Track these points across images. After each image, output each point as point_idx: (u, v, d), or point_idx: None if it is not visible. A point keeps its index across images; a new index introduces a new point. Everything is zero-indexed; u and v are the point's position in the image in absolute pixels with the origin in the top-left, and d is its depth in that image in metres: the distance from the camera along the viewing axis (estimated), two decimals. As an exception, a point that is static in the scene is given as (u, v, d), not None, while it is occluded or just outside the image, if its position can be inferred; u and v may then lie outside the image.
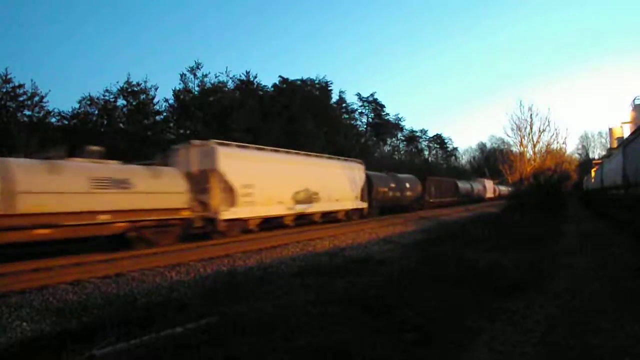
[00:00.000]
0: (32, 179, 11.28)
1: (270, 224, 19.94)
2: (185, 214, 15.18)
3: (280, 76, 50.03)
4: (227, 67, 76.23)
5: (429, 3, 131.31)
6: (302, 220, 21.99)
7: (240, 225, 17.69)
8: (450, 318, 5.53)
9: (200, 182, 16.50)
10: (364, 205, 27.35)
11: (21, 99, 28.11)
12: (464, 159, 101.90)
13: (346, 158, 28.73)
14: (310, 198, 22.17)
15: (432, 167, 74.27)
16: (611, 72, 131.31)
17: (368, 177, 28.89)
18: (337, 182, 24.80)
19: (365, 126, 71.01)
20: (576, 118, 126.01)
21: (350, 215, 25.87)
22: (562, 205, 28.26)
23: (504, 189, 65.11)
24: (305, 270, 9.65)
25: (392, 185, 33.08)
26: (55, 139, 23.86)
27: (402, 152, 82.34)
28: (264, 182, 19.02)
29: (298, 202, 21.13)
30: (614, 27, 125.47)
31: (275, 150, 21.63)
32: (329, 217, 24.01)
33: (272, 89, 48.11)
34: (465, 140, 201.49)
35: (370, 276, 8.35)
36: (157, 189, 14.19)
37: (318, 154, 26.09)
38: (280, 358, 4.20)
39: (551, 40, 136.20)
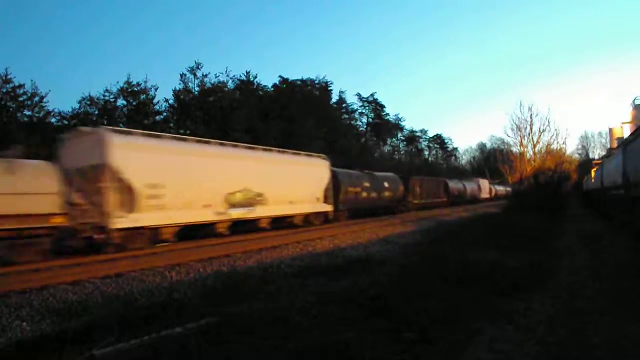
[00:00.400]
0: None
1: (195, 232, 16.63)
2: (58, 221, 12.10)
3: (280, 76, 50.13)
4: (227, 67, 76.28)
5: (429, 3, 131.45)
6: (242, 227, 18.34)
7: (148, 235, 14.43)
8: (450, 318, 5.53)
9: (91, 180, 13.49)
10: (329, 208, 23.68)
11: (21, 99, 28.10)
12: (464, 159, 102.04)
13: (308, 153, 24.90)
14: (252, 200, 18.50)
15: (432, 167, 74.32)
16: (611, 72, 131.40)
17: (334, 175, 24.98)
18: (291, 181, 21.03)
19: (365, 126, 71.05)
20: (576, 118, 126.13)
21: (311, 220, 22.51)
22: (562, 205, 28.27)
23: (501, 189, 63.57)
24: (306, 270, 9.66)
25: (366, 184, 29.19)
26: (56, 139, 23.84)
27: (402, 152, 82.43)
28: (180, 180, 15.46)
29: (233, 205, 17.51)
30: (614, 27, 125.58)
31: (200, 141, 17.75)
32: (281, 223, 20.79)
33: (272, 89, 48.16)
34: (465, 140, 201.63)
35: (370, 276, 8.35)
36: (12, 189, 11.27)
37: (266, 147, 21.65)
38: (280, 358, 4.21)
39: (551, 41, 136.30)
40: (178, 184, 15.39)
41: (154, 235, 14.70)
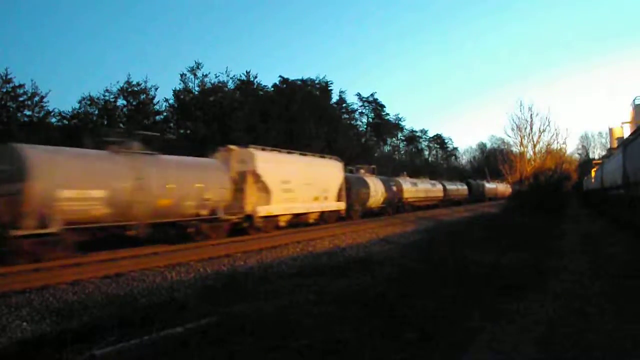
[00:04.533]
0: None
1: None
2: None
3: (280, 76, 50.02)
4: (227, 67, 75.93)
5: (429, 3, 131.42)
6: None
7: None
8: (450, 318, 5.52)
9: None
10: (342, 206, 24.84)
11: (21, 99, 28.11)
12: (464, 159, 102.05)
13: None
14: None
15: (433, 167, 74.28)
16: (611, 72, 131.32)
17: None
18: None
19: (365, 126, 70.99)
20: (576, 118, 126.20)
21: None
22: (562, 205, 28.28)
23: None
24: (306, 270, 9.65)
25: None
26: (55, 139, 23.84)
27: (402, 152, 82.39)
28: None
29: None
30: (615, 26, 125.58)
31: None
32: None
33: (272, 89, 48.08)
34: (465, 140, 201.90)
35: (370, 276, 8.35)
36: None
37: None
38: (280, 358, 4.20)
39: (551, 40, 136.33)
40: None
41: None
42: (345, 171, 27.30)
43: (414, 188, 37.44)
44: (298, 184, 20.41)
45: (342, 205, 24.46)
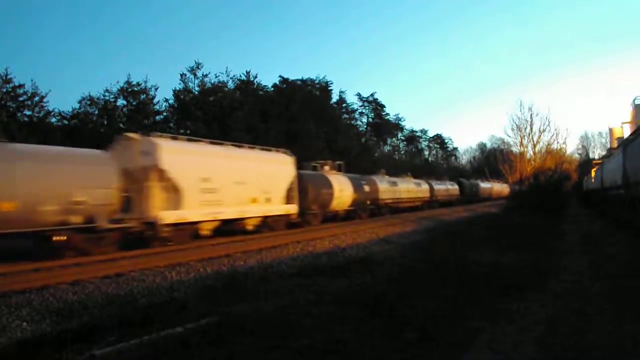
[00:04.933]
0: None
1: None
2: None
3: (280, 76, 50.07)
4: (227, 67, 75.89)
5: (429, 3, 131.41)
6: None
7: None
8: (450, 318, 5.52)
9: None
10: (292, 209, 20.51)
11: (21, 99, 28.09)
12: (464, 159, 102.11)
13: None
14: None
15: (433, 167, 74.27)
16: (611, 72, 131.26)
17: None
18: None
19: (365, 126, 71.03)
20: (576, 118, 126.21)
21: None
22: (562, 205, 28.28)
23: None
24: (306, 270, 9.66)
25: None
26: (55, 139, 23.85)
27: (402, 152, 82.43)
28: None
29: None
30: (615, 27, 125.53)
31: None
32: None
33: (272, 89, 48.11)
34: (465, 140, 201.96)
35: (370, 276, 8.36)
36: None
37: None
38: (280, 358, 4.20)
39: (551, 40, 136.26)
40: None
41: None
42: (308, 168, 24.21)
43: (393, 188, 33.35)
44: (226, 182, 16.54)
45: (292, 209, 20.24)
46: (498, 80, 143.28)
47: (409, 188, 36.92)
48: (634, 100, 26.44)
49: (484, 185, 59.15)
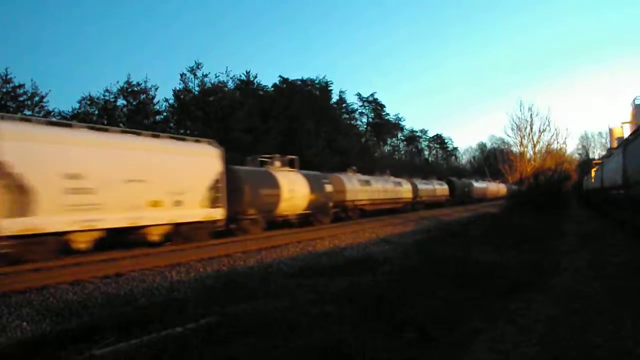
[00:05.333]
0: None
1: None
2: None
3: (280, 76, 50.06)
4: (227, 67, 76.21)
5: (430, 3, 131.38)
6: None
7: None
8: (450, 318, 5.52)
9: None
10: (217, 215, 16.19)
11: (21, 99, 28.11)
12: (464, 159, 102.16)
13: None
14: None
15: (433, 167, 74.24)
16: (611, 72, 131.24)
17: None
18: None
19: (365, 126, 71.06)
20: (576, 118, 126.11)
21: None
22: (562, 205, 28.25)
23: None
24: (306, 270, 9.65)
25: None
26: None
27: (402, 152, 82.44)
28: None
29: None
30: (615, 27, 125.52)
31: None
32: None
33: (272, 89, 48.11)
34: (465, 140, 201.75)
35: (370, 276, 8.35)
36: None
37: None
38: (280, 358, 4.20)
39: (552, 41, 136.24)
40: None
41: None
42: (253, 163, 20.80)
43: (364, 188, 28.67)
44: (108, 180, 12.63)
45: (217, 213, 16.10)
46: (498, 80, 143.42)
47: (386, 188, 32.36)
48: (634, 100, 26.42)
49: (478, 185, 55.24)
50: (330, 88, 56.28)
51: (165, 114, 37.15)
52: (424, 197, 38.40)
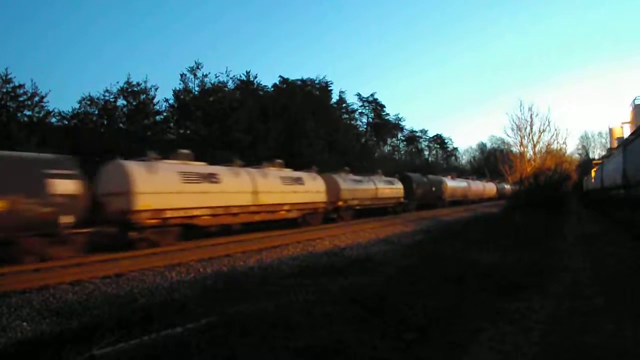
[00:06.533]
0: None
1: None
2: None
3: (280, 76, 50.06)
4: (227, 67, 76.22)
5: (430, 4, 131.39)
6: None
7: None
8: (450, 318, 5.52)
9: None
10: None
11: (21, 99, 28.04)
12: (464, 159, 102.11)
13: None
14: None
15: (432, 167, 74.23)
16: (611, 72, 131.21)
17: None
18: None
19: (365, 126, 71.00)
20: (576, 118, 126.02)
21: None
22: (562, 206, 28.25)
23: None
24: (306, 270, 9.65)
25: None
26: (55, 139, 23.84)
27: (402, 152, 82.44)
28: None
29: None
30: (615, 27, 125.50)
31: None
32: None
33: (272, 89, 48.09)
34: (465, 140, 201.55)
35: (370, 276, 8.35)
36: None
37: None
38: (280, 358, 4.20)
39: (552, 41, 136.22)
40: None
41: None
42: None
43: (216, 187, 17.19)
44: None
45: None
46: (498, 80, 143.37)
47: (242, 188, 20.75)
48: (634, 100, 26.43)
49: (454, 183, 43.38)
50: (330, 88, 56.28)
51: (165, 114, 37.10)
52: (349, 202, 25.92)
